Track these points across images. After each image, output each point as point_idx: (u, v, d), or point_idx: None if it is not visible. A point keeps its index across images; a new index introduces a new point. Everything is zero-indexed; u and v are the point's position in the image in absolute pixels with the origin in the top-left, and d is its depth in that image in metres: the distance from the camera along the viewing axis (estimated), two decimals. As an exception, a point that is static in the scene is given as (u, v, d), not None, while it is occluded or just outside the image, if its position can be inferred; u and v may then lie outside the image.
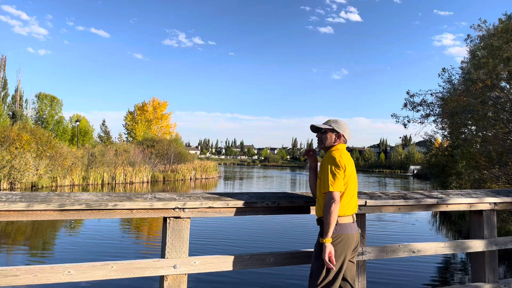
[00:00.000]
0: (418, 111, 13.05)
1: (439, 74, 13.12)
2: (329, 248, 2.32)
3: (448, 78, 13.41)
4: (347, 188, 2.44)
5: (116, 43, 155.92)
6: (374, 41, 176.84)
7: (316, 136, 2.63)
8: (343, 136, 2.59)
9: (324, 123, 2.63)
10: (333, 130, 2.58)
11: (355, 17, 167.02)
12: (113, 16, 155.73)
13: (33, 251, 8.67)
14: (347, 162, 2.45)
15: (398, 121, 13.22)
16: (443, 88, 13.29)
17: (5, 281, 2.00)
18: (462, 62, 14.65)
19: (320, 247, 2.38)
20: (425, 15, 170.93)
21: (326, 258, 2.31)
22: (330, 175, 2.38)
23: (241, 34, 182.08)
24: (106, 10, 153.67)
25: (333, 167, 2.40)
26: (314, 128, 2.64)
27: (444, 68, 13.01)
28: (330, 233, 2.33)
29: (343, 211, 2.43)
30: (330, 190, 2.36)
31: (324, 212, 2.35)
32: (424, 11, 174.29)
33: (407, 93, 13.01)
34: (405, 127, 13.41)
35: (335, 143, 2.57)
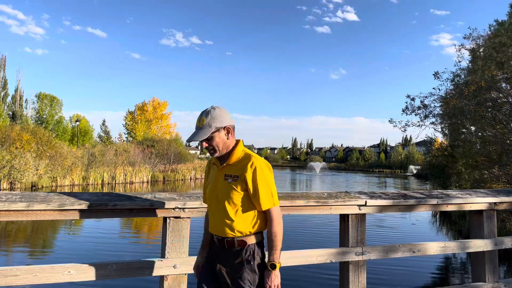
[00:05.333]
0: (417, 114, 13.11)
1: (434, 76, 13.15)
2: (279, 277, 1.98)
3: (444, 80, 13.47)
4: None
5: (114, 42, 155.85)
6: (372, 41, 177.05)
7: (204, 147, 2.04)
8: (231, 127, 2.07)
9: (199, 124, 2.03)
10: (218, 129, 2.02)
11: (352, 16, 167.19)
12: (110, 16, 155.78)
13: (33, 251, 8.67)
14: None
15: (396, 126, 13.29)
16: (439, 89, 13.34)
17: (5, 281, 2.00)
18: (460, 67, 14.65)
19: (260, 275, 1.98)
20: (421, 15, 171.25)
21: None
22: (270, 186, 2.00)
23: (239, 33, 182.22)
24: (102, 10, 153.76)
25: (269, 177, 2.01)
26: (196, 138, 2.02)
27: (437, 72, 13.06)
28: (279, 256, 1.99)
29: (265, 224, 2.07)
30: (277, 204, 2.02)
31: (273, 232, 1.98)
32: (421, 10, 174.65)
33: (408, 96, 13.06)
34: (404, 131, 13.49)
35: (231, 140, 2.06)
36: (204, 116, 2.02)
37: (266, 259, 2.02)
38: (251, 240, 2.01)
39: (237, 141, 2.10)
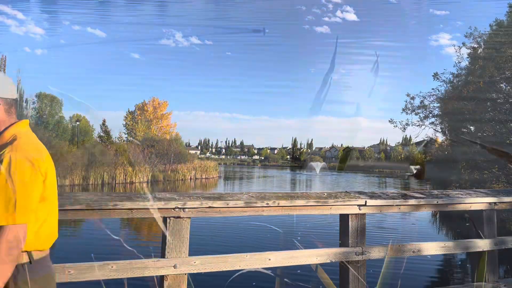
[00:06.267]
0: (417, 114, 13.17)
1: (433, 78, 13.18)
2: None
3: (443, 81, 13.50)
4: (51, 208, 1.54)
5: (113, 42, 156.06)
6: (371, 41, 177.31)
7: None
8: (3, 101, 1.50)
9: None
10: None
11: (351, 16, 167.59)
12: (109, 16, 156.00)
13: (33, 251, 8.66)
14: (47, 160, 1.48)
15: (396, 126, 13.38)
16: (438, 90, 13.37)
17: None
18: (459, 67, 14.66)
19: None
20: (421, 15, 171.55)
21: None
22: (17, 194, 1.33)
23: (238, 33, 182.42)
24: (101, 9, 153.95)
25: (22, 179, 1.34)
26: None
27: (436, 73, 13.10)
28: None
29: (48, 242, 1.54)
30: (18, 222, 1.33)
31: None
32: (420, 10, 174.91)
33: (408, 95, 13.13)
34: (404, 131, 13.58)
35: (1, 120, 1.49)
36: None
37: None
38: None
39: (16, 122, 1.53)
